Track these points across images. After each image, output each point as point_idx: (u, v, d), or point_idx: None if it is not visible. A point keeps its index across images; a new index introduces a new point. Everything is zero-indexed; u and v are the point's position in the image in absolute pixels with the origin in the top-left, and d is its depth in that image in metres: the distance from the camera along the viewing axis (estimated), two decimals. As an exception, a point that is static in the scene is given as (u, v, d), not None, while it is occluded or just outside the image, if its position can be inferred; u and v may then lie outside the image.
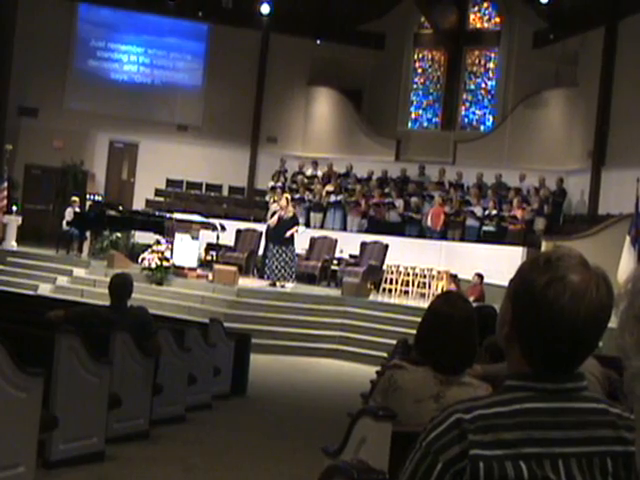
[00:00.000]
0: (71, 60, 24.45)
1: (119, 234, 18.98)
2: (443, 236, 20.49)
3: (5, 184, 19.17)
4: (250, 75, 25.03)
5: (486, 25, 25.41)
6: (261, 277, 17.55)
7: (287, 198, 17.15)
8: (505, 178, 21.95)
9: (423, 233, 20.93)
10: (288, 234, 16.40)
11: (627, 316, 1.47)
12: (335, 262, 19.25)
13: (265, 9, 23.81)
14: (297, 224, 16.83)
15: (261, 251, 18.66)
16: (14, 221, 19.59)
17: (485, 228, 19.94)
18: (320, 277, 18.86)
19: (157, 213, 19.57)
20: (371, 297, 16.83)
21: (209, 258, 19.17)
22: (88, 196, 23.14)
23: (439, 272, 18.39)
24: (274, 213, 17.24)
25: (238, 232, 19.93)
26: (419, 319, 3.51)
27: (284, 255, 16.43)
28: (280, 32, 24.56)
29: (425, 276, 18.55)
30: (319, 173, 23.97)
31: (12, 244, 19.28)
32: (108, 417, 7.07)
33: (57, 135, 23.57)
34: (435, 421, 1.67)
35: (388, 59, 25.61)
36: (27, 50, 22.46)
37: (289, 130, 25.62)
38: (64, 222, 19.42)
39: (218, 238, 18.88)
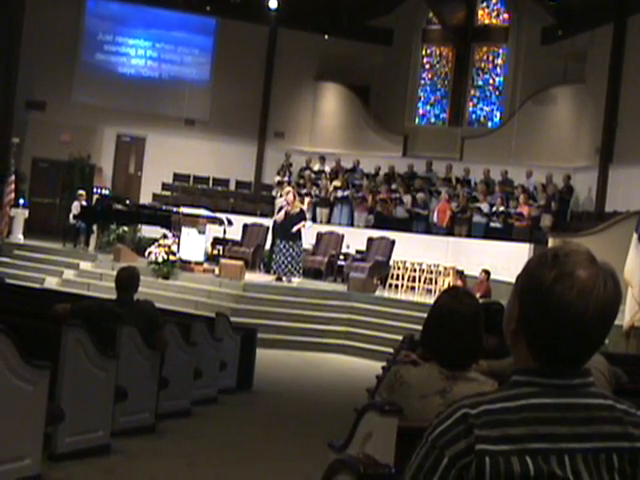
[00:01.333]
0: (79, 54, 24.47)
1: (126, 228, 19.01)
2: (450, 232, 20.48)
3: (12, 177, 19.20)
4: (258, 70, 25.04)
5: (494, 21, 25.34)
6: (267, 272, 17.58)
7: (293, 192, 17.14)
8: (512, 175, 21.92)
9: (430, 229, 20.93)
10: (294, 229, 16.41)
11: None
12: (341, 257, 19.26)
13: (273, 4, 23.76)
14: (304, 219, 16.83)
15: (268, 246, 18.68)
16: (21, 214, 19.65)
17: (491, 224, 19.92)
18: (326, 272, 18.86)
19: (164, 207, 19.59)
20: (377, 293, 16.83)
21: (216, 252, 19.20)
22: (95, 190, 23.15)
23: (445, 268, 18.38)
24: (281, 208, 17.25)
25: (245, 227, 19.96)
26: (425, 315, 3.51)
27: (290, 250, 16.44)
28: (288, 27, 24.55)
29: (432, 272, 18.55)
30: (326, 168, 23.97)
31: (19, 237, 19.34)
32: (114, 410, 7.08)
33: (64, 129, 23.60)
34: (441, 416, 1.67)
35: (396, 55, 25.58)
36: (35, 44, 22.49)
37: (296, 125, 25.61)
38: (71, 215, 19.46)
39: (225, 232, 18.90)
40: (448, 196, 21.00)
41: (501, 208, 19.98)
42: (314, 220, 21.27)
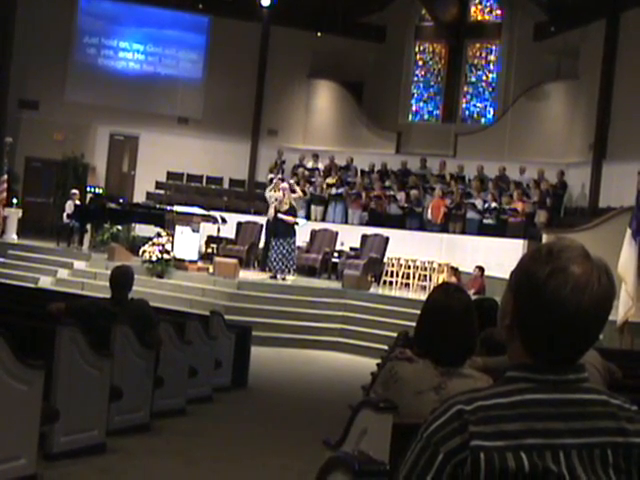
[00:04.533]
0: (72, 52, 24.41)
1: (120, 227, 18.99)
2: (444, 229, 20.48)
3: (5, 177, 19.17)
4: (251, 68, 25.00)
5: (487, 17, 25.37)
6: (262, 270, 17.57)
7: (283, 190, 17.13)
8: (506, 171, 21.94)
9: (424, 226, 20.93)
10: (281, 217, 16.36)
11: None
12: (336, 255, 19.26)
13: (265, 1, 23.75)
14: (294, 216, 16.80)
15: (262, 244, 18.67)
16: (14, 214, 19.61)
17: (485, 221, 19.94)
18: (321, 270, 18.87)
19: (158, 206, 19.57)
20: (372, 290, 16.83)
21: (210, 251, 19.17)
22: (88, 189, 23.10)
23: (440, 265, 18.40)
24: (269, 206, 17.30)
25: (239, 225, 19.95)
26: (420, 312, 3.51)
27: (281, 247, 16.44)
28: (281, 24, 24.51)
29: (426, 269, 18.56)
30: (320, 166, 23.97)
31: (13, 237, 19.29)
32: (109, 409, 7.08)
33: (58, 128, 23.55)
34: (436, 412, 1.67)
35: (389, 52, 25.58)
36: (28, 43, 22.44)
37: (290, 123, 25.60)
38: (64, 215, 19.43)
39: (219, 231, 18.89)
40: (442, 193, 21.00)
41: (494, 204, 20.00)
42: (308, 218, 21.27)
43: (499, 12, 25.01)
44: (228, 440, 8.02)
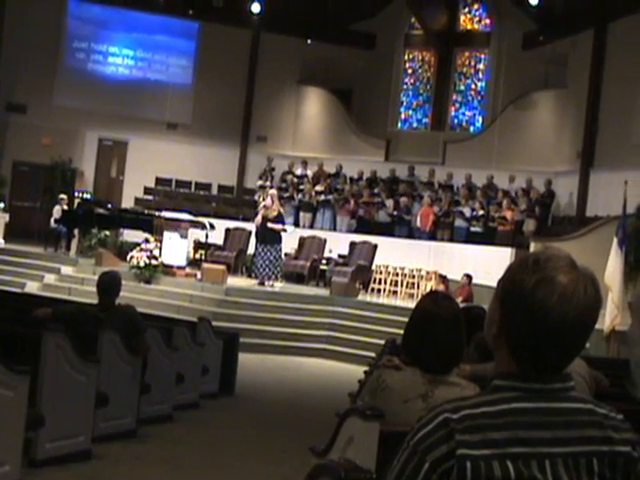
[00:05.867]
0: (60, 57, 24.34)
1: (107, 232, 18.93)
2: (432, 237, 20.50)
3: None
4: (240, 74, 25.00)
5: (476, 26, 25.44)
6: (250, 276, 17.56)
7: (272, 197, 17.09)
8: (494, 179, 21.99)
9: (412, 233, 20.95)
10: (270, 225, 16.37)
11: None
12: (324, 262, 19.26)
13: (256, 8, 23.74)
14: (282, 223, 16.80)
15: (250, 250, 18.66)
16: (1, 218, 19.53)
17: (473, 229, 19.97)
18: (309, 277, 18.86)
19: (146, 211, 19.53)
20: (360, 297, 16.83)
21: (198, 257, 19.14)
22: (76, 193, 23.01)
23: (428, 272, 18.41)
24: (257, 213, 17.29)
25: (227, 231, 19.94)
26: (408, 319, 3.51)
27: (268, 254, 16.45)
28: (271, 31, 24.52)
29: (414, 276, 18.58)
30: (309, 173, 23.97)
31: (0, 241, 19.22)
32: (95, 416, 7.05)
33: (46, 132, 23.45)
34: (423, 421, 1.67)
35: (378, 59, 25.62)
36: (16, 46, 22.37)
37: (279, 129, 25.59)
38: (52, 220, 19.35)
39: (207, 237, 18.83)
40: (431, 200, 21.04)
41: (481, 212, 20.03)
42: (297, 224, 21.27)
43: (488, 21, 25.10)
44: (215, 447, 7.99)
